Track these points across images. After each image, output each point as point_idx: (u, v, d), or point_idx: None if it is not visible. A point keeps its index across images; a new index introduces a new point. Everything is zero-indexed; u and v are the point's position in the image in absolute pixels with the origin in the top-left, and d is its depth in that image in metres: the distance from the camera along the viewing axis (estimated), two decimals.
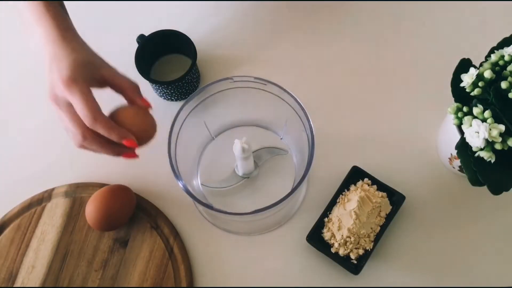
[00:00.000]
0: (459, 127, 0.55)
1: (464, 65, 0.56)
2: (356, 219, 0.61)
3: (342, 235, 0.61)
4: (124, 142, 0.51)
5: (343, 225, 0.61)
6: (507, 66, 0.53)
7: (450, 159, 0.64)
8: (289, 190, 0.55)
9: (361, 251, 0.61)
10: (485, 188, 0.53)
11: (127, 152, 0.54)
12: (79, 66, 0.51)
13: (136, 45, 0.70)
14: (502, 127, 0.51)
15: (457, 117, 0.54)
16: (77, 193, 0.67)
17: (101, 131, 0.50)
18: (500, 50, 0.55)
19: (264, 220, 0.64)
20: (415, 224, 0.65)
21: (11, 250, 0.65)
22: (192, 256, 0.65)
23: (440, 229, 0.65)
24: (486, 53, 0.57)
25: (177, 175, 0.56)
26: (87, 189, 0.68)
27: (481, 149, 0.52)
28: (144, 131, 0.54)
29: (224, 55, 0.77)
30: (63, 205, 0.67)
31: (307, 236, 0.63)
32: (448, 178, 0.68)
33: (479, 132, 0.51)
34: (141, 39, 0.71)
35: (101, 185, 0.68)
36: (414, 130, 0.70)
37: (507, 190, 0.53)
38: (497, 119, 0.51)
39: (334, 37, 0.77)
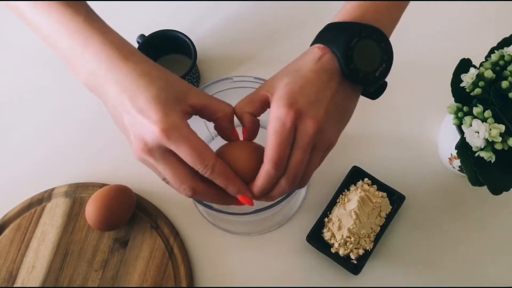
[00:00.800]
0: (459, 127, 0.55)
1: (464, 65, 0.56)
2: (356, 219, 0.61)
3: (342, 235, 0.61)
4: (240, 198, 0.43)
5: (343, 225, 0.61)
6: (507, 66, 0.53)
7: (450, 159, 0.64)
8: None
9: (361, 251, 0.61)
10: (485, 188, 0.53)
11: (239, 201, 0.44)
12: (165, 100, 0.39)
13: (136, 45, 0.70)
14: (502, 127, 0.51)
15: (457, 117, 0.54)
16: (77, 193, 0.67)
17: (219, 180, 0.41)
18: (500, 50, 0.55)
19: (264, 220, 0.64)
20: (415, 224, 0.65)
21: (11, 250, 0.65)
22: (192, 256, 0.65)
23: (440, 229, 0.65)
24: (486, 53, 0.57)
25: None
26: (87, 189, 0.68)
27: (481, 149, 0.52)
28: (253, 171, 0.44)
29: (224, 55, 0.77)
30: (63, 205, 0.67)
31: (307, 236, 0.63)
32: (448, 178, 0.68)
33: (479, 132, 0.51)
34: (141, 39, 0.71)
35: (101, 185, 0.68)
36: (414, 130, 0.70)
37: (507, 190, 0.53)
38: (497, 119, 0.51)
39: None
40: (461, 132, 0.55)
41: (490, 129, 0.51)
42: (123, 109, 0.40)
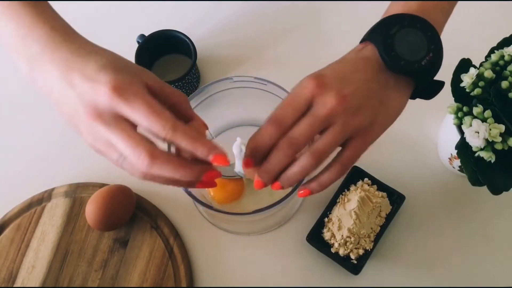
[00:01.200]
0: (459, 127, 0.55)
1: (464, 65, 0.56)
2: (356, 219, 0.61)
3: (342, 235, 0.61)
4: (214, 158, 0.37)
5: (343, 225, 0.61)
6: (507, 66, 0.53)
7: (450, 159, 0.64)
8: (289, 190, 0.55)
9: (361, 251, 0.61)
10: (485, 188, 0.53)
11: (210, 172, 0.39)
12: (119, 67, 0.37)
13: (136, 45, 0.70)
14: (502, 127, 0.51)
15: (457, 117, 0.54)
16: (77, 193, 0.67)
17: (184, 142, 0.37)
18: (500, 50, 0.55)
19: (264, 220, 0.64)
20: (415, 224, 0.65)
21: (11, 250, 0.65)
22: (192, 256, 0.65)
23: (440, 229, 0.65)
24: (486, 53, 0.57)
25: None
26: (87, 189, 0.68)
27: (481, 149, 0.52)
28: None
29: (224, 55, 0.77)
30: (63, 205, 0.67)
31: (307, 236, 0.63)
32: (448, 178, 0.68)
33: (479, 132, 0.51)
34: (141, 39, 0.71)
35: (101, 185, 0.68)
36: (414, 130, 0.70)
37: (507, 190, 0.53)
38: (497, 119, 0.51)
39: (334, 37, 0.77)
40: (461, 132, 0.55)
41: (490, 129, 0.51)
42: (69, 87, 0.37)
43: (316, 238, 0.63)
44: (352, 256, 0.61)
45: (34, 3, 0.40)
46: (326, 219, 0.64)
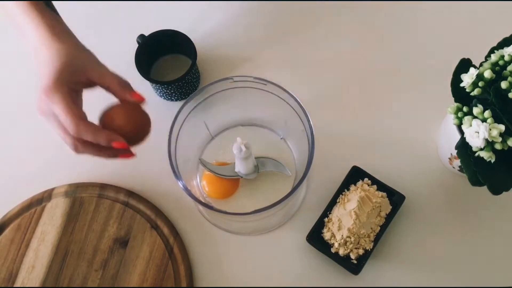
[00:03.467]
0: (459, 127, 0.55)
1: (464, 65, 0.56)
2: (356, 219, 0.61)
3: (342, 235, 0.61)
4: (113, 145, 0.49)
5: (343, 225, 0.61)
6: (507, 66, 0.53)
7: (450, 159, 0.64)
8: (289, 190, 0.55)
9: (361, 251, 0.61)
10: (485, 188, 0.53)
11: (122, 153, 0.51)
12: (60, 72, 0.49)
13: (136, 45, 0.70)
14: (502, 127, 0.51)
15: (457, 117, 0.54)
16: (77, 193, 0.67)
17: (88, 137, 0.48)
18: (500, 50, 0.55)
19: (264, 220, 0.64)
20: (415, 224, 0.65)
21: (11, 250, 0.65)
22: (192, 256, 0.65)
23: (440, 229, 0.65)
24: (486, 53, 0.57)
25: (177, 175, 0.56)
26: (87, 189, 0.68)
27: (481, 149, 0.52)
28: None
29: (224, 55, 0.77)
30: (63, 205, 0.67)
31: (307, 236, 0.63)
32: (448, 178, 0.68)
33: (479, 132, 0.51)
34: (141, 39, 0.71)
35: (101, 185, 0.68)
36: (414, 130, 0.70)
37: (507, 190, 0.53)
38: (497, 119, 0.51)
39: (334, 37, 0.77)
40: (461, 132, 0.55)
41: (490, 129, 0.51)
42: (40, 76, 0.50)
43: (316, 238, 0.63)
44: (352, 256, 0.61)
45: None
46: (326, 219, 0.64)
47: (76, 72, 0.50)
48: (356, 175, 0.66)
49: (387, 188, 0.65)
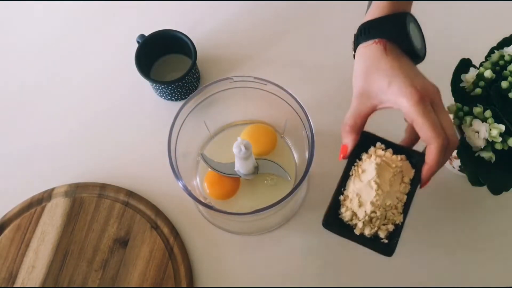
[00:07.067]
0: (459, 127, 0.55)
1: (464, 65, 0.56)
2: (378, 190, 0.51)
3: (366, 212, 0.51)
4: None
5: (364, 200, 0.51)
6: (507, 66, 0.53)
7: (450, 159, 0.64)
8: (289, 190, 0.55)
9: (390, 227, 0.51)
10: (485, 188, 0.53)
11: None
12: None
13: (136, 45, 0.70)
14: (502, 127, 0.51)
15: (457, 117, 0.54)
16: (77, 193, 0.67)
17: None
18: (500, 50, 0.55)
19: (264, 220, 0.64)
20: (414, 224, 0.65)
21: (11, 250, 0.65)
22: (192, 256, 0.65)
23: (440, 228, 0.65)
24: (486, 53, 0.57)
25: (177, 175, 0.56)
26: (87, 189, 0.68)
27: (481, 149, 0.52)
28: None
29: (224, 55, 0.77)
30: (63, 205, 0.67)
31: (323, 221, 0.52)
32: (448, 178, 0.68)
33: (479, 132, 0.51)
34: (141, 39, 0.71)
35: (101, 185, 0.68)
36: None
37: (507, 190, 0.53)
38: (497, 119, 0.51)
39: (335, 37, 0.77)
40: (461, 132, 0.55)
41: (490, 129, 0.51)
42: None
43: (333, 221, 0.52)
44: (382, 235, 0.51)
45: None
46: (341, 197, 0.53)
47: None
48: (366, 141, 0.54)
49: (404, 150, 0.54)
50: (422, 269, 0.63)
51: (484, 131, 0.51)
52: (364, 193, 0.52)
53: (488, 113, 0.51)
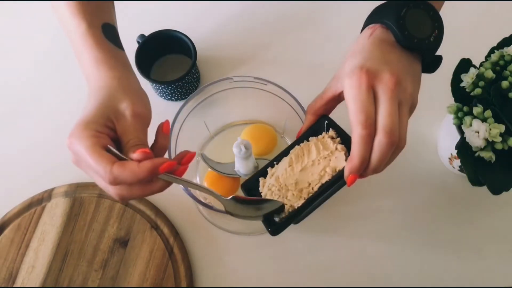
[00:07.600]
0: (459, 127, 0.55)
1: (464, 65, 0.56)
2: (288, 167, 0.49)
3: (269, 184, 0.49)
4: (161, 169, 0.40)
5: (275, 173, 0.50)
6: (507, 66, 0.53)
7: (450, 159, 0.64)
8: None
9: (290, 208, 0.48)
10: (485, 188, 0.53)
11: (165, 164, 0.42)
12: (88, 121, 0.43)
13: (136, 45, 0.70)
14: (502, 127, 0.51)
15: (457, 117, 0.54)
16: (77, 193, 0.67)
17: (128, 179, 0.40)
18: (500, 50, 0.55)
19: None
20: (415, 224, 0.65)
21: (11, 250, 0.65)
22: (192, 256, 0.65)
23: (440, 228, 0.65)
24: (486, 53, 0.57)
25: None
26: (87, 189, 0.68)
27: (481, 149, 0.52)
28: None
29: (224, 55, 0.77)
30: (63, 205, 0.67)
31: (242, 185, 0.51)
32: (448, 178, 0.68)
33: (479, 132, 0.51)
34: (141, 39, 0.71)
35: None
36: (414, 130, 0.70)
37: (507, 190, 0.53)
38: (497, 119, 0.51)
39: (335, 37, 0.77)
40: (461, 132, 0.55)
41: (490, 129, 0.51)
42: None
43: (252, 186, 0.51)
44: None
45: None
46: (269, 169, 0.51)
47: (109, 117, 0.44)
48: (325, 128, 0.51)
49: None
50: (422, 269, 0.64)
51: (484, 131, 0.51)
52: (280, 167, 0.51)
53: (488, 113, 0.51)
